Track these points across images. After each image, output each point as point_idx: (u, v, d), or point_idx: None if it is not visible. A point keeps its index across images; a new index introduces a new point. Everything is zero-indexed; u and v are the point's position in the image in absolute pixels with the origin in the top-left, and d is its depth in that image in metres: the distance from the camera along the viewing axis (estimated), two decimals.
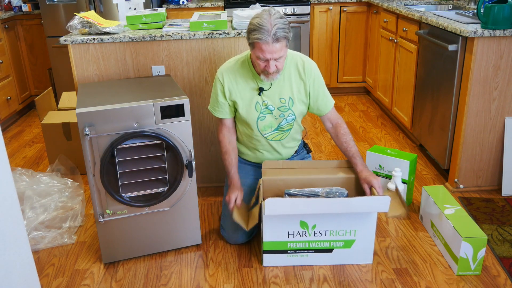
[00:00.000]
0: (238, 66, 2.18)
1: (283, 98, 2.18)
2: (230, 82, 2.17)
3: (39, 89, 4.46)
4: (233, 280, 2.10)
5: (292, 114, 2.22)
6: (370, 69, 4.46)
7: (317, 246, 2.13)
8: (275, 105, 2.19)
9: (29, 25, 4.35)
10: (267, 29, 1.93)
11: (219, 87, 2.19)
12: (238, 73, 2.17)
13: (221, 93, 2.19)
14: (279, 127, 2.24)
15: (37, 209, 2.49)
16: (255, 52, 2.00)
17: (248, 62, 2.17)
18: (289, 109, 2.20)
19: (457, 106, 2.71)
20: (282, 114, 2.21)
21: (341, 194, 2.09)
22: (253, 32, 1.96)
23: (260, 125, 2.22)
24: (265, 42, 1.94)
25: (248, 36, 2.00)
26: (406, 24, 3.41)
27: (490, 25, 2.47)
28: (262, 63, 2.02)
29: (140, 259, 2.26)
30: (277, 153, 2.32)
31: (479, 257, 2.05)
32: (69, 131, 3.06)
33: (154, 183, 2.15)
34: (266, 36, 1.93)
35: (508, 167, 2.68)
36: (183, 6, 4.40)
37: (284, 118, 2.22)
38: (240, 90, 2.18)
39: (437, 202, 2.29)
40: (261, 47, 1.96)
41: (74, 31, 2.60)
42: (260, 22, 1.95)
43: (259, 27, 1.94)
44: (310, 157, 2.49)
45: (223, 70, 2.19)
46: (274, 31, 1.93)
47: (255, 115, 2.20)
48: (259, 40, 1.94)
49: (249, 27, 2.00)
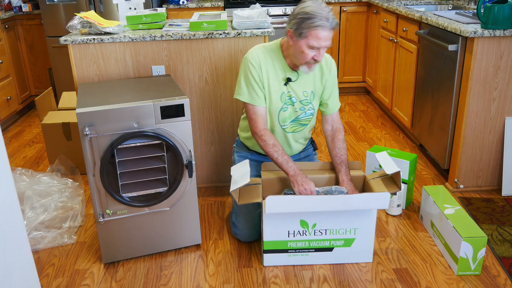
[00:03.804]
0: (269, 53, 2.13)
1: (306, 92, 2.17)
2: (265, 69, 2.12)
3: (39, 89, 4.46)
4: (233, 280, 2.10)
5: (312, 108, 2.22)
6: (370, 69, 4.46)
7: (317, 245, 2.13)
8: (298, 98, 2.17)
9: (29, 25, 4.36)
10: (325, 16, 1.91)
11: (255, 73, 2.11)
12: (271, 61, 2.12)
13: (259, 79, 2.11)
14: (297, 119, 2.23)
15: (37, 209, 2.49)
16: (308, 41, 1.95)
17: (279, 51, 2.13)
18: (310, 103, 2.20)
19: (457, 106, 2.71)
20: (303, 107, 2.19)
21: (340, 193, 2.09)
22: (310, 20, 1.91)
23: (281, 116, 2.19)
24: (325, 29, 1.91)
25: (301, 26, 1.93)
26: (406, 24, 3.41)
27: (490, 25, 2.47)
28: (311, 53, 1.98)
29: (140, 259, 2.26)
30: (287, 146, 2.30)
31: (479, 257, 2.05)
32: (69, 131, 3.06)
33: (154, 183, 2.15)
34: (325, 23, 1.90)
35: (508, 167, 2.68)
36: (183, 6, 4.40)
37: (304, 112, 2.21)
38: (270, 78, 2.13)
39: (437, 202, 2.29)
40: (318, 35, 1.92)
41: (74, 31, 2.60)
42: (315, 10, 1.91)
43: (316, 15, 1.90)
44: (315, 154, 2.49)
45: (257, 56, 2.11)
46: (332, 18, 1.92)
47: (279, 105, 2.16)
48: (318, 28, 1.90)
49: (301, 16, 1.93)
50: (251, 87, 2.12)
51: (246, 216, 2.26)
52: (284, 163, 2.10)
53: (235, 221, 2.34)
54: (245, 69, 2.13)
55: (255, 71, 2.11)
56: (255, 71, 2.11)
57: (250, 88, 2.12)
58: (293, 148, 2.32)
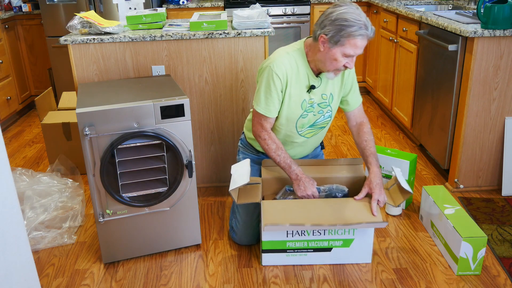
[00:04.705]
0: (295, 61, 2.02)
1: (325, 94, 2.10)
2: (290, 79, 2.02)
3: (39, 89, 4.46)
4: (233, 280, 2.10)
5: (330, 111, 2.15)
6: (370, 69, 4.46)
7: (316, 245, 2.13)
8: (317, 101, 2.10)
9: (29, 25, 4.36)
10: (365, 24, 1.83)
11: (278, 85, 2.01)
12: (296, 69, 2.02)
13: (280, 91, 2.02)
14: (315, 124, 2.17)
15: (37, 209, 2.49)
16: (344, 49, 1.87)
17: (304, 56, 2.03)
18: (329, 105, 2.13)
19: (457, 106, 2.71)
20: (321, 110, 2.12)
21: (341, 191, 2.10)
22: (350, 29, 1.82)
23: (299, 122, 2.12)
24: (364, 39, 1.85)
25: (339, 33, 1.85)
26: (406, 24, 3.41)
27: (490, 25, 2.47)
28: (344, 60, 1.91)
29: (140, 259, 2.26)
30: (300, 148, 2.25)
31: (479, 257, 2.05)
32: (69, 131, 3.06)
33: (154, 183, 2.15)
34: (365, 31, 1.83)
35: (508, 167, 2.68)
36: (183, 6, 4.40)
37: (322, 115, 2.14)
38: (293, 87, 2.03)
39: (437, 202, 2.29)
40: (357, 44, 1.85)
41: (74, 31, 2.60)
42: (354, 17, 1.83)
43: (356, 23, 1.82)
44: (323, 154, 2.46)
45: (283, 67, 2.00)
46: (370, 26, 1.86)
47: (299, 112, 2.09)
48: (360, 37, 1.83)
49: (340, 24, 1.84)
50: (271, 99, 2.03)
51: (246, 223, 2.25)
52: (286, 167, 2.07)
53: (234, 227, 2.33)
54: (268, 79, 2.01)
55: (279, 83, 2.01)
56: (279, 83, 2.01)
57: (270, 100, 2.03)
58: (306, 149, 2.28)
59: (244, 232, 2.27)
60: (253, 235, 2.28)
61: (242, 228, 2.26)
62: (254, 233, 2.28)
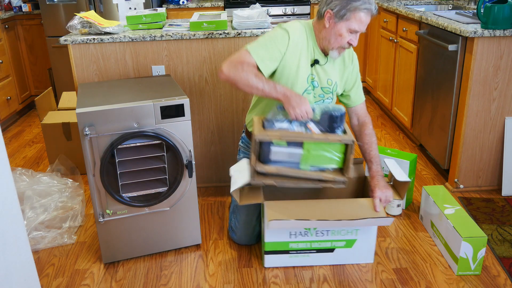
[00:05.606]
0: (307, 31, 2.00)
1: (330, 80, 2.07)
2: (298, 42, 1.96)
3: (39, 89, 4.46)
4: (233, 280, 2.10)
5: (331, 98, 2.12)
6: (370, 69, 4.46)
7: (319, 246, 2.12)
8: (320, 84, 2.05)
9: (29, 25, 4.36)
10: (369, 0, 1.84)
11: (285, 39, 1.92)
12: (306, 40, 1.98)
13: (283, 48, 1.92)
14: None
15: (37, 209, 2.49)
16: (350, 23, 1.87)
17: (312, 33, 2.00)
18: (331, 92, 2.10)
19: (457, 106, 2.71)
20: (322, 94, 2.08)
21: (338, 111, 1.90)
22: (356, 3, 1.84)
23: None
24: (368, 14, 1.86)
25: (346, 7, 1.85)
26: (406, 24, 3.41)
27: (490, 25, 2.47)
28: (348, 36, 1.90)
29: (140, 259, 2.26)
30: None
31: (479, 257, 2.05)
32: (69, 131, 3.06)
33: (154, 183, 2.15)
34: (370, 6, 1.84)
35: (508, 167, 2.68)
36: (183, 6, 4.40)
37: (322, 100, 2.10)
38: (302, 57, 1.98)
39: (437, 202, 2.29)
40: (362, 19, 1.86)
41: (74, 31, 2.60)
42: None
43: None
44: None
45: (298, 30, 1.96)
46: (374, 3, 1.88)
47: (304, 86, 2.01)
48: (365, 11, 1.84)
49: None
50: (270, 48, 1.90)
51: (245, 223, 2.25)
52: (272, 90, 1.85)
53: (234, 227, 2.33)
54: (276, 32, 1.94)
55: (286, 37, 1.92)
56: (287, 37, 1.92)
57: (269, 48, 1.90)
58: None
59: (244, 232, 2.27)
60: (253, 235, 2.28)
61: (241, 228, 2.27)
62: (253, 233, 2.28)
